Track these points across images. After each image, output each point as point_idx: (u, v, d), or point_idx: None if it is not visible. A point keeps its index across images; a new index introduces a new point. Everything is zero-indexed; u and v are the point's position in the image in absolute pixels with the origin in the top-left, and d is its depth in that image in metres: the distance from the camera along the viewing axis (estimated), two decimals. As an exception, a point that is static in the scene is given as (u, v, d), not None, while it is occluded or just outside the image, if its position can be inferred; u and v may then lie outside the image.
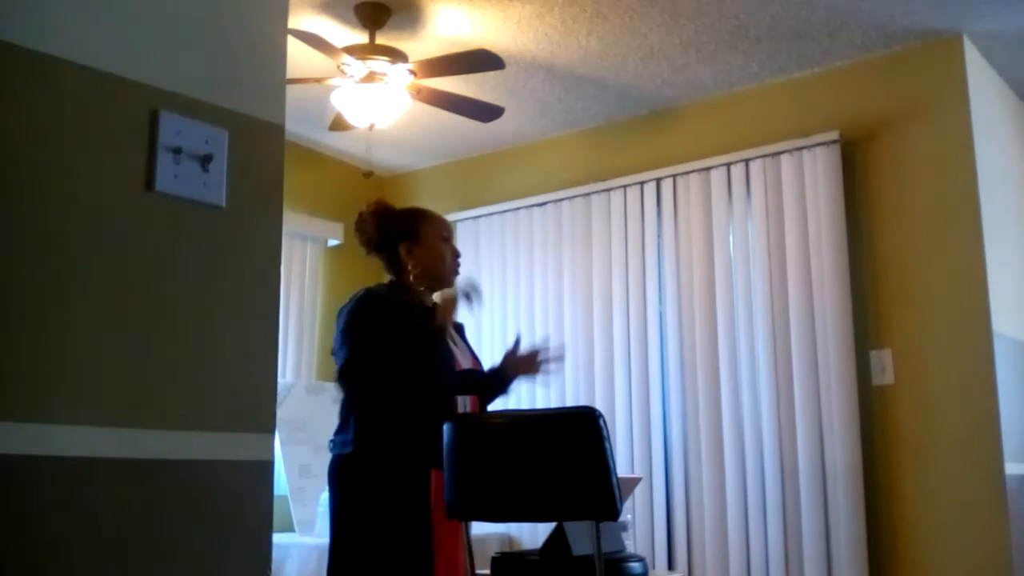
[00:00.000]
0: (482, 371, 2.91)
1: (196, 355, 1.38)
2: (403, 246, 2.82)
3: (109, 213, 1.31)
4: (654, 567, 4.11)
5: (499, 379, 2.95)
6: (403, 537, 2.55)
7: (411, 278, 2.82)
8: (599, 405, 4.28)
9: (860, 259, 3.95)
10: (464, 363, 2.81)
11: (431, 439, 2.52)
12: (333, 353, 2.73)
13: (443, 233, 2.89)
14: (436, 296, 2.88)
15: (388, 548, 2.55)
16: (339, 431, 2.70)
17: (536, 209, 4.82)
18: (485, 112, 4.03)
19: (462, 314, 2.87)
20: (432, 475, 2.60)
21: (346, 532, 2.60)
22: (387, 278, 2.90)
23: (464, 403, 2.75)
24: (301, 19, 3.67)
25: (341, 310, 2.73)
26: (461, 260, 2.93)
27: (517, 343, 3.00)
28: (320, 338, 4.93)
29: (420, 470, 2.60)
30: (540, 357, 2.97)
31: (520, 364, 2.96)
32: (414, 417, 2.61)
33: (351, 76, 3.71)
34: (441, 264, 2.84)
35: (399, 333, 2.62)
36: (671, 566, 4.14)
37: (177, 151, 1.38)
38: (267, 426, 1.46)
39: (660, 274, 4.41)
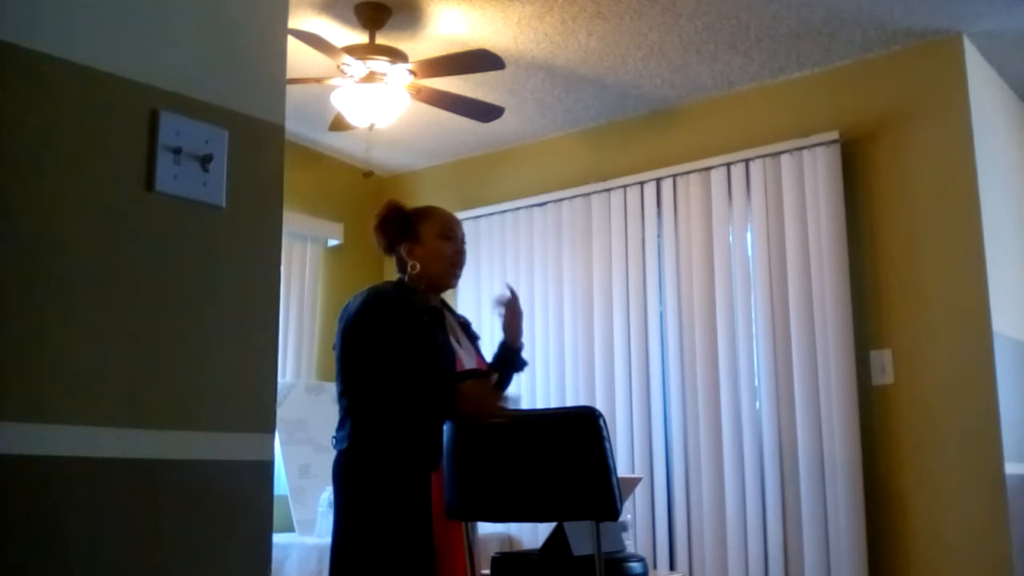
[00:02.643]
0: (487, 369, 2.87)
1: (196, 355, 1.38)
2: (404, 246, 2.83)
3: (109, 213, 1.31)
4: (654, 567, 4.10)
5: (508, 356, 2.97)
6: (404, 536, 2.55)
7: (410, 279, 2.81)
8: (599, 405, 4.28)
9: (860, 259, 3.95)
10: (468, 363, 2.78)
11: (429, 442, 2.53)
12: (334, 347, 2.74)
13: (444, 231, 2.84)
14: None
15: (389, 547, 2.55)
16: (339, 427, 2.71)
17: (536, 209, 4.81)
18: (485, 112, 4.02)
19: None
20: (433, 477, 2.59)
21: (348, 529, 2.60)
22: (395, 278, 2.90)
23: None
24: (301, 19, 3.67)
25: (346, 307, 2.73)
26: (465, 258, 2.90)
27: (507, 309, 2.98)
28: (320, 338, 4.93)
29: (419, 471, 2.59)
30: (512, 305, 2.96)
31: (512, 325, 2.97)
32: (409, 421, 2.61)
33: (351, 76, 3.71)
34: (438, 263, 2.81)
35: (400, 338, 2.62)
36: (672, 566, 4.14)
37: (177, 151, 1.38)
38: (267, 426, 1.46)
39: (660, 274, 4.40)
